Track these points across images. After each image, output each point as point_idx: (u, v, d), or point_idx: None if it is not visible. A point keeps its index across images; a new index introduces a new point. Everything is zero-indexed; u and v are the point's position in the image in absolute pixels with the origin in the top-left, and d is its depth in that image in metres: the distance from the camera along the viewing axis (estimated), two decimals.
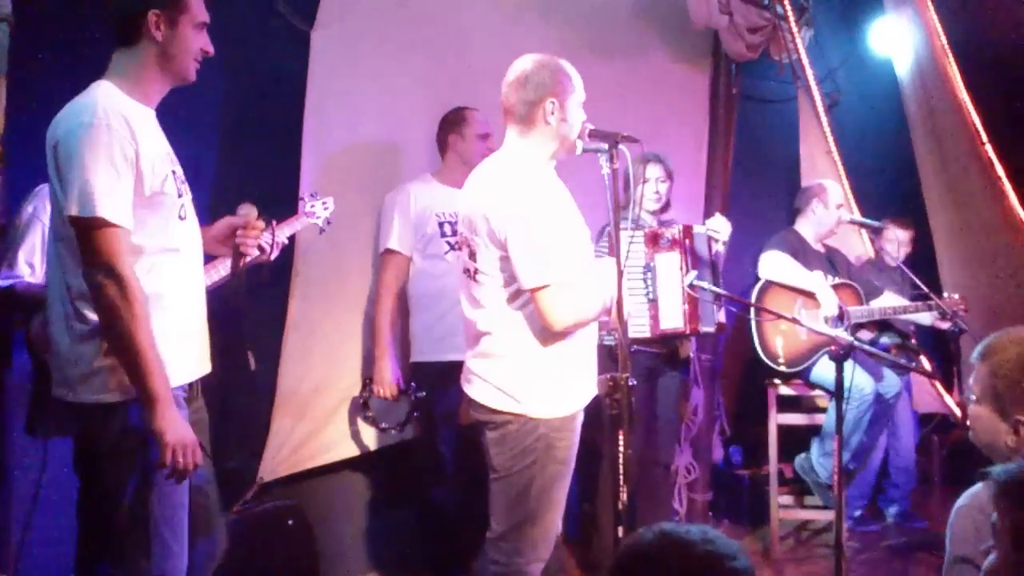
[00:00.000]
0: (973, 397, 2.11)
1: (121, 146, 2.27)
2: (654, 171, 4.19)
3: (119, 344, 2.28)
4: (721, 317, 4.17)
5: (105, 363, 2.32)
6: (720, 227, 4.16)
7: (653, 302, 3.97)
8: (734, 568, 1.42)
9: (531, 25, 4.32)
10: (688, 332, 4.00)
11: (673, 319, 3.97)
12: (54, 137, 2.31)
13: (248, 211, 2.86)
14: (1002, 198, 5.54)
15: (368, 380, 3.90)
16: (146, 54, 2.41)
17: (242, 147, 3.80)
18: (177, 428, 2.30)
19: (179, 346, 2.46)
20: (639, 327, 3.94)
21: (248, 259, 2.83)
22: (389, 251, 3.88)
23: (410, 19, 4.05)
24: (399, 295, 3.91)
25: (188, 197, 2.54)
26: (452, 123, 3.94)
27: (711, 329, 4.10)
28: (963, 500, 2.02)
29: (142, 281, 2.34)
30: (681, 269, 3.95)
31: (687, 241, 3.99)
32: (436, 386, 3.78)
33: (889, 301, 4.85)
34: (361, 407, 3.93)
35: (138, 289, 2.28)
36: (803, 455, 4.61)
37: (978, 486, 1.99)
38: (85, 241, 2.26)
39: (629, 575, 1.48)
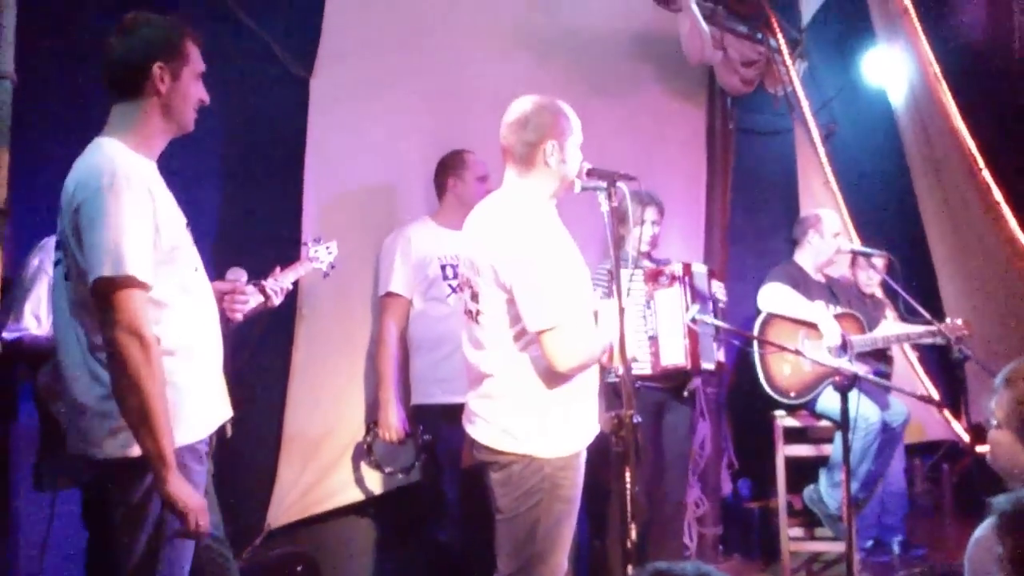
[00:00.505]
0: (994, 422, 2.09)
1: (142, 204, 2.27)
2: (651, 214, 4.21)
3: (135, 407, 2.24)
4: (720, 356, 4.16)
5: None
6: (717, 292, 4.19)
7: (653, 339, 3.97)
8: None
9: (528, 65, 4.37)
10: (690, 368, 4.00)
11: (674, 355, 3.96)
12: (73, 201, 2.28)
13: (237, 275, 2.88)
14: (1002, 223, 5.57)
15: (372, 424, 3.89)
16: (149, 107, 2.40)
17: (244, 194, 3.83)
18: (190, 495, 2.29)
19: (205, 396, 2.47)
20: (640, 364, 3.94)
21: (233, 324, 2.84)
22: (390, 294, 3.88)
23: (408, 63, 4.09)
24: (401, 338, 3.92)
25: (195, 247, 2.56)
26: (450, 166, 3.96)
27: (711, 366, 4.10)
28: (980, 531, 2.00)
29: (172, 334, 2.35)
30: (682, 305, 3.95)
31: (687, 278, 4.00)
32: (439, 428, 3.78)
33: (890, 329, 4.85)
34: (366, 451, 3.91)
35: (158, 353, 2.27)
36: (812, 486, 4.59)
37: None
38: (110, 300, 2.23)
39: None
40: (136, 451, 2.29)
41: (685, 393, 4.28)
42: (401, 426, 3.81)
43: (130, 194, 2.25)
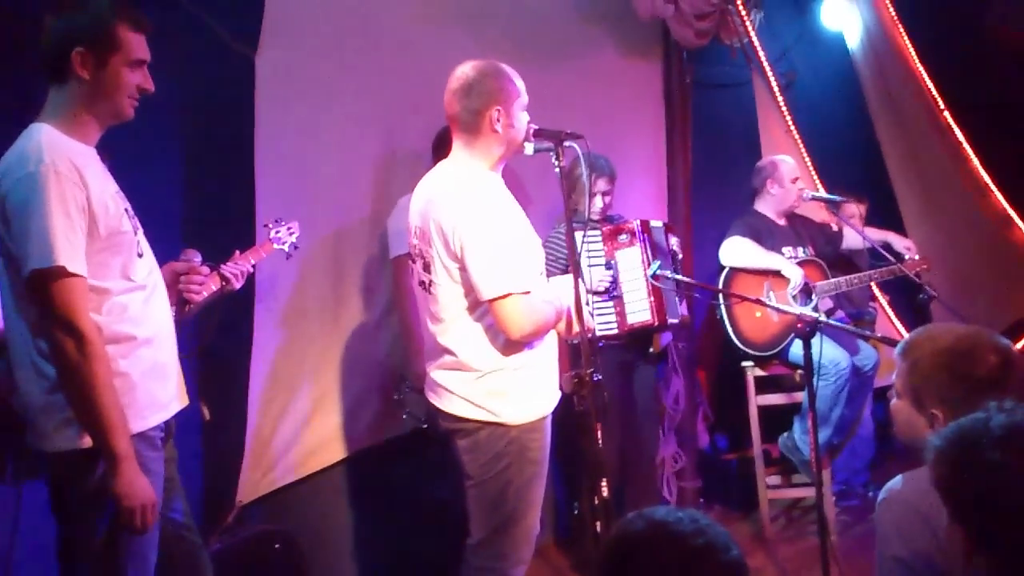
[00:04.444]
0: (896, 393, 2.13)
1: (72, 192, 2.22)
2: (601, 184, 4.12)
3: (78, 402, 2.24)
4: (684, 310, 4.17)
5: None
6: (674, 246, 4.18)
7: (618, 299, 3.98)
8: (727, 561, 1.43)
9: (478, 30, 4.30)
10: (656, 324, 4.00)
11: (640, 313, 3.98)
12: (1, 190, 2.25)
13: (190, 256, 2.85)
14: (964, 162, 5.61)
15: (402, 379, 3.91)
16: (76, 93, 2.35)
17: (196, 178, 3.79)
18: (137, 490, 2.27)
19: (156, 384, 2.45)
20: (607, 325, 3.95)
21: (193, 305, 2.81)
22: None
23: (353, 33, 4.03)
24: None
25: (141, 232, 2.52)
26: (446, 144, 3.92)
27: (676, 320, 4.11)
28: (883, 495, 2.04)
29: (113, 323, 2.32)
30: (643, 263, 3.95)
31: (646, 235, 4.00)
32: None
33: (853, 241, 4.93)
34: (398, 405, 3.93)
35: (98, 344, 2.24)
36: (786, 434, 4.62)
37: (896, 478, 2.03)
38: (43, 293, 2.20)
39: (621, 567, 1.47)
40: (87, 442, 2.29)
41: (651, 350, 4.30)
42: None
43: (57, 181, 2.20)
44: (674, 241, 4.19)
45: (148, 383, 2.40)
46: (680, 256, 4.21)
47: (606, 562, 1.49)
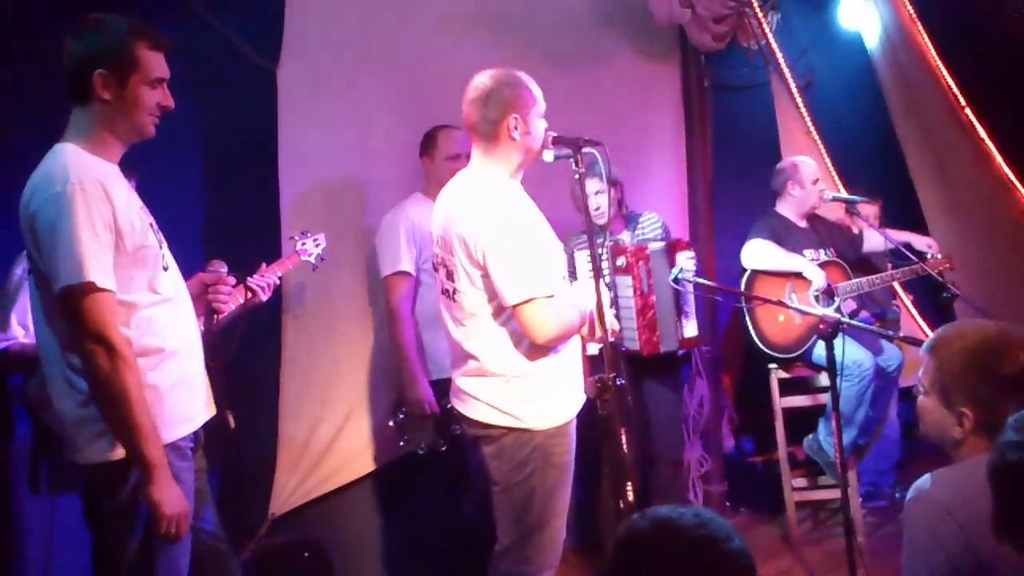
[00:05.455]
0: (922, 389, 2.11)
1: (98, 209, 2.27)
2: (591, 185, 3.94)
3: (111, 413, 2.28)
4: (691, 331, 4.01)
5: None
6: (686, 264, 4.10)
7: (617, 318, 3.95)
8: (728, 550, 1.46)
9: (497, 39, 4.34)
10: (644, 354, 3.90)
11: (629, 342, 3.91)
12: (30, 210, 2.30)
13: (218, 267, 2.89)
14: (987, 159, 5.56)
15: (399, 403, 3.89)
16: (98, 113, 2.39)
17: (221, 192, 3.85)
18: (172, 499, 2.32)
19: (184, 396, 2.49)
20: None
21: (222, 316, 2.85)
22: (400, 273, 3.84)
23: (374, 45, 4.08)
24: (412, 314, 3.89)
25: (166, 246, 2.57)
26: (424, 145, 3.96)
27: (673, 347, 3.96)
28: (911, 494, 2.00)
29: (141, 336, 2.37)
30: (635, 292, 3.89)
31: (640, 263, 3.90)
32: None
33: (874, 241, 4.89)
34: (396, 432, 3.90)
35: (130, 356, 2.29)
36: (811, 436, 4.60)
37: (925, 477, 2.00)
38: (74, 308, 2.25)
39: (627, 563, 1.51)
40: (118, 454, 2.33)
41: (683, 358, 4.28)
42: (432, 398, 3.77)
43: (84, 199, 2.25)
44: (684, 256, 3.96)
45: (176, 394, 2.45)
46: (691, 271, 4.05)
47: (614, 559, 1.53)
